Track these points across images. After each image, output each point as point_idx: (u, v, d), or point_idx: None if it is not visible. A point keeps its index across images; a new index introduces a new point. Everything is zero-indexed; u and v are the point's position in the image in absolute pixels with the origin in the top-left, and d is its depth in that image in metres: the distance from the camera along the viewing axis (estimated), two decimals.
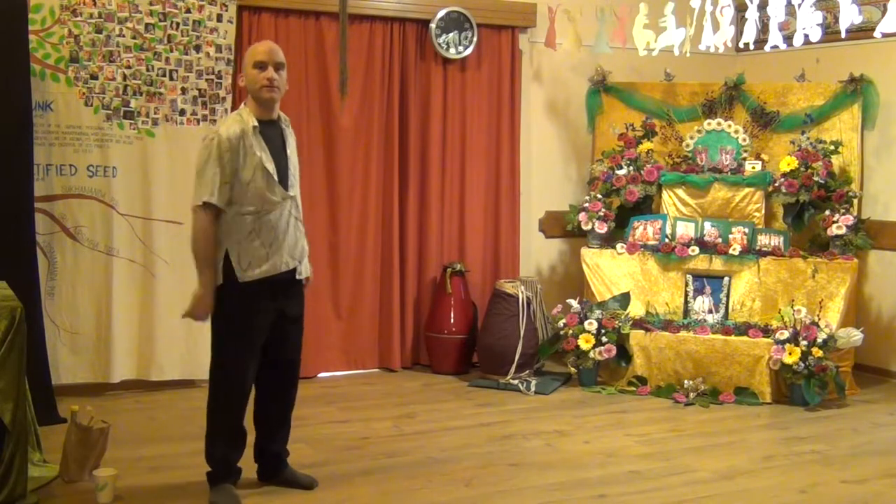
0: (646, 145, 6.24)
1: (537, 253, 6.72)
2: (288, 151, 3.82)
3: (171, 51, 5.36)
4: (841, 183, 5.95)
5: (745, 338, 5.55)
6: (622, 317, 5.75)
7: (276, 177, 3.71)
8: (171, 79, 5.38)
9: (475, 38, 6.15)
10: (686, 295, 5.92)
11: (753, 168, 6.03)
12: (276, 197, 3.72)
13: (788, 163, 5.94)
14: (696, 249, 5.87)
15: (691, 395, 5.50)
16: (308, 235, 5.70)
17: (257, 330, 3.77)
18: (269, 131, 3.77)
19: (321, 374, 5.95)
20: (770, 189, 5.98)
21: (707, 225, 6.00)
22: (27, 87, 4.77)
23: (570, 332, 5.74)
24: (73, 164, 5.21)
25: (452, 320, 6.09)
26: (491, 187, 6.41)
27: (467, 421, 5.06)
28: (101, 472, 3.76)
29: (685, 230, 6.01)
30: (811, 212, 5.95)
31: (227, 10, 5.47)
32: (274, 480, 4.02)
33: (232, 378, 3.79)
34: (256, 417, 4.02)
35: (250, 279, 3.70)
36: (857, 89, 6.09)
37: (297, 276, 3.87)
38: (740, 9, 5.84)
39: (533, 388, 5.69)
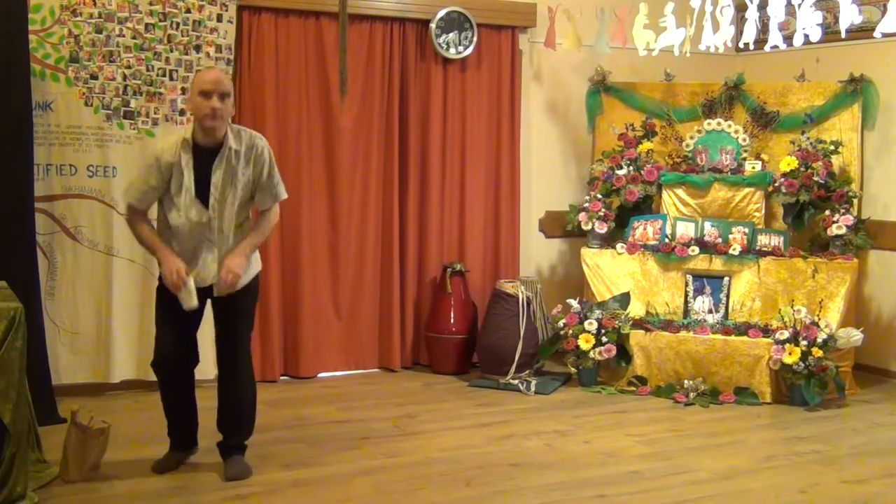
0: (646, 145, 6.24)
1: (537, 253, 6.71)
2: (213, 178, 3.89)
3: (171, 51, 5.36)
4: (841, 183, 5.94)
5: (745, 338, 5.55)
6: (622, 317, 5.75)
7: (192, 197, 3.88)
8: (171, 79, 5.38)
9: (475, 38, 6.14)
10: (686, 295, 5.92)
11: (753, 168, 6.03)
12: (185, 215, 3.90)
13: (788, 163, 5.94)
14: (696, 249, 5.87)
15: (691, 395, 5.50)
16: (308, 235, 5.82)
17: (174, 319, 4.00)
18: (202, 155, 3.89)
19: (321, 374, 5.95)
20: (770, 189, 5.98)
21: (707, 225, 6.00)
22: (27, 87, 4.77)
23: (570, 332, 5.74)
24: (73, 164, 5.21)
25: (452, 320, 6.09)
26: (491, 187, 6.40)
27: (467, 421, 5.06)
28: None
29: (685, 230, 6.01)
30: (811, 212, 5.95)
31: (227, 10, 5.47)
32: None
33: (158, 357, 4.11)
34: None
35: None
36: (857, 89, 6.09)
37: (201, 285, 3.97)
38: (740, 9, 5.83)
39: (533, 388, 5.69)
